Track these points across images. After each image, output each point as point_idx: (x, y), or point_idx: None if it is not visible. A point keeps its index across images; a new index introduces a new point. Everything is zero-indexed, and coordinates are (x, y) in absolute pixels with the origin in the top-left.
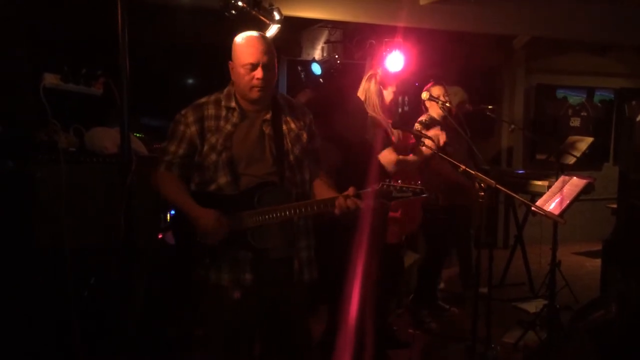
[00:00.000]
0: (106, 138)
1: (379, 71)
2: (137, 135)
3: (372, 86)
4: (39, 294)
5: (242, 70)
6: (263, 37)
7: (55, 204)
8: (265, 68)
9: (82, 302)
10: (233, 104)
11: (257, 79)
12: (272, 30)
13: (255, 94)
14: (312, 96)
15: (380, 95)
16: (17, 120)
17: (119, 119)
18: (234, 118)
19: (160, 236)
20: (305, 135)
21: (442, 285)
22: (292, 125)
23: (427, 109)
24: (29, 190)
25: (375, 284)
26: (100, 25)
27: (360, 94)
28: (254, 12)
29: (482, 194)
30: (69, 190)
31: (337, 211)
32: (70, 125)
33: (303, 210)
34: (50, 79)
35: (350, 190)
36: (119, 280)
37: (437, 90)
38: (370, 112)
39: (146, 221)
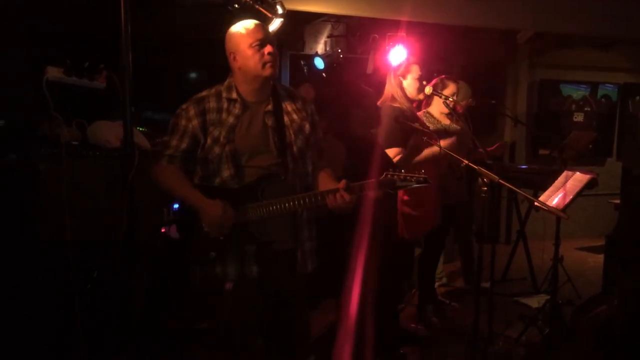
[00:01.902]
0: (109, 132)
1: (398, 64)
2: (140, 129)
3: (392, 80)
4: (41, 288)
5: (250, 51)
6: (259, 21)
7: (57, 197)
8: (273, 44)
9: (83, 295)
10: (234, 95)
11: (269, 53)
12: (275, 24)
13: (268, 71)
14: (316, 91)
15: (401, 87)
16: (19, 114)
17: (122, 112)
18: (236, 110)
19: (163, 230)
20: (307, 126)
21: (444, 281)
22: (294, 116)
23: (428, 104)
24: (31, 183)
25: (381, 278)
26: (103, 19)
27: (386, 91)
28: (257, 6)
29: (485, 188)
30: (71, 184)
31: (329, 205)
32: (72, 119)
33: (302, 202)
34: (53, 72)
35: (341, 184)
36: (120, 274)
37: (451, 89)
38: (397, 103)
39: (149, 215)
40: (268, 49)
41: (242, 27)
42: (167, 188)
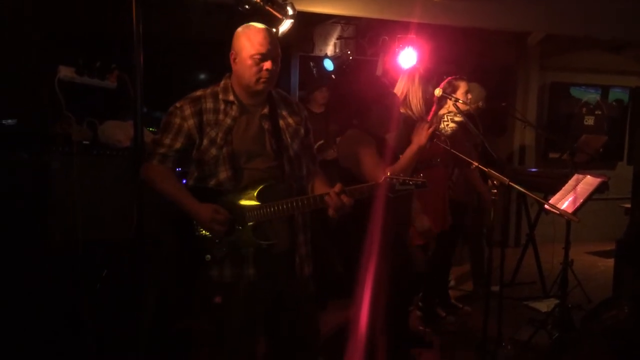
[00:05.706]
0: (119, 131)
1: (420, 67)
2: (150, 129)
3: (416, 81)
4: (51, 285)
5: (249, 62)
6: (270, 30)
7: (68, 196)
8: (274, 60)
9: (94, 294)
10: (231, 98)
11: (267, 70)
12: (286, 25)
13: (260, 86)
14: (333, 90)
15: (425, 90)
16: (31, 113)
17: (133, 112)
18: (233, 111)
19: None
20: (302, 131)
21: (452, 283)
22: (290, 120)
23: (440, 107)
24: (43, 182)
25: (390, 282)
26: (115, 19)
27: (399, 91)
28: (267, 7)
29: (495, 191)
30: (82, 183)
31: (329, 206)
32: (84, 118)
33: (300, 204)
34: (65, 72)
35: (337, 187)
36: (131, 272)
37: (462, 88)
38: (407, 109)
39: (158, 214)
40: (267, 65)
41: (249, 34)
42: (157, 188)
